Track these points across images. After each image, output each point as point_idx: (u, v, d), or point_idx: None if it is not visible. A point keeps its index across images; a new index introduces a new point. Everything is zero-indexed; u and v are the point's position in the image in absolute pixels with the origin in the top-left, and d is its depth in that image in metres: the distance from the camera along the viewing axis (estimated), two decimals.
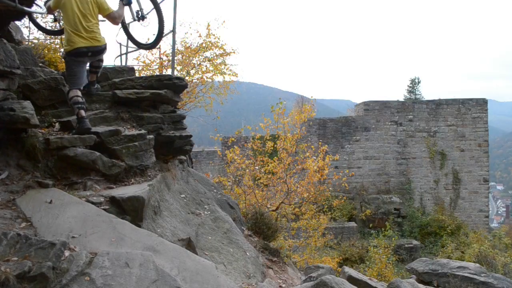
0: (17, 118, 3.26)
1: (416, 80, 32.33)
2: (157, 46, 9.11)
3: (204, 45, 10.16)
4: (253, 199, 9.49)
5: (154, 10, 5.24)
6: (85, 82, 4.30)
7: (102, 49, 4.28)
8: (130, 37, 5.77)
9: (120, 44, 8.29)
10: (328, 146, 13.25)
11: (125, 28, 5.71)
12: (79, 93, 4.04)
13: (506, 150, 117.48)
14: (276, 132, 11.43)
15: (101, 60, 4.53)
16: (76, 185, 3.57)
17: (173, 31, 6.05)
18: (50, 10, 4.47)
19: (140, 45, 5.84)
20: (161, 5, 5.31)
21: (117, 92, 4.66)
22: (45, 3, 4.54)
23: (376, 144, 21.87)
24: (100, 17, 4.49)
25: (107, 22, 4.67)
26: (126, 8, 4.97)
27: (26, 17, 5.47)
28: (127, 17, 5.54)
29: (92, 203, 3.24)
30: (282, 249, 6.28)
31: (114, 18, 4.47)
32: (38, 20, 5.94)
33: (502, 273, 9.06)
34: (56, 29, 5.93)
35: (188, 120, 6.60)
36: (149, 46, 5.86)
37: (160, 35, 5.32)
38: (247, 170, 10.40)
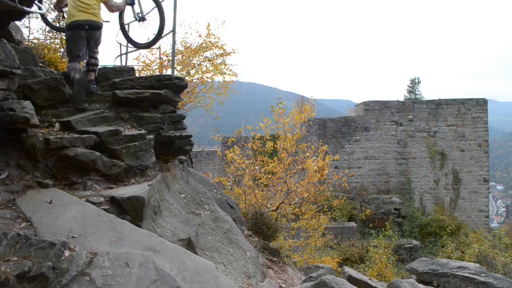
0: (17, 118, 3.26)
1: (416, 80, 32.35)
2: (157, 46, 9.19)
3: (204, 45, 10.16)
4: (253, 199, 9.48)
5: (156, 10, 5.35)
6: (84, 56, 4.53)
7: (98, 26, 4.53)
8: (127, 38, 5.91)
9: (120, 44, 8.28)
10: (328, 146, 13.25)
11: (124, 29, 5.83)
12: (77, 66, 4.34)
13: (506, 150, 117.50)
14: (276, 132, 11.42)
15: (97, 58, 4.67)
16: (76, 185, 3.57)
17: (173, 31, 6.05)
18: (60, 2, 4.91)
19: (137, 45, 5.99)
20: (162, 5, 5.40)
21: (117, 92, 4.66)
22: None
23: (376, 144, 21.87)
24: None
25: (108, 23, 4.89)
26: (128, 8, 5.19)
27: (39, 16, 5.76)
28: (128, 17, 5.68)
29: (92, 203, 3.24)
30: (282, 249, 6.28)
31: (111, 6, 4.86)
32: (39, 20, 6.08)
33: (502, 273, 9.06)
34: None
35: (188, 120, 6.60)
36: (147, 46, 5.96)
37: (159, 35, 5.42)
38: (247, 170, 10.40)
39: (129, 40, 5.97)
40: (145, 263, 2.57)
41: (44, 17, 5.84)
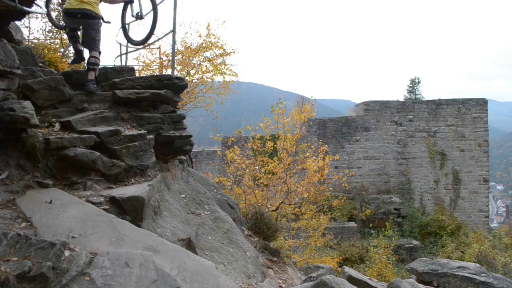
0: (17, 118, 3.25)
1: (416, 80, 32.39)
2: (157, 46, 9.24)
3: (204, 45, 10.16)
4: (253, 199, 9.48)
5: (151, 6, 5.49)
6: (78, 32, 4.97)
7: (91, 15, 4.69)
8: (126, 36, 6.14)
9: (120, 44, 8.30)
10: (328, 146, 13.24)
11: (124, 28, 6.03)
12: (74, 33, 4.93)
13: (506, 150, 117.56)
14: (276, 132, 11.42)
15: (96, 58, 4.77)
16: (76, 185, 3.57)
17: (173, 31, 6.06)
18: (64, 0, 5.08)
19: (134, 42, 6.20)
20: (160, 5, 5.50)
21: (117, 92, 4.66)
22: None
23: (376, 144, 21.87)
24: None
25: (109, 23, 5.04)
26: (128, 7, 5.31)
27: (39, 16, 6.03)
28: (128, 17, 5.80)
29: (92, 203, 3.24)
30: (282, 249, 6.28)
31: None
32: (39, 20, 6.24)
33: (502, 273, 9.06)
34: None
35: (188, 120, 6.61)
36: (142, 42, 6.07)
37: (152, 31, 5.59)
38: (247, 170, 10.40)
39: (128, 38, 6.16)
40: (145, 263, 2.57)
41: (49, 15, 6.05)
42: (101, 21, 4.96)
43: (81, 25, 4.83)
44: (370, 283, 5.07)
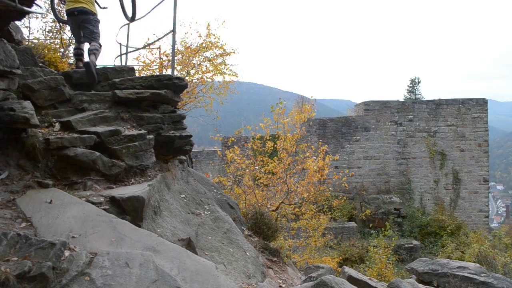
0: (17, 118, 3.25)
1: (416, 80, 32.42)
2: (157, 46, 9.26)
3: (204, 45, 10.16)
4: (253, 199, 9.48)
5: None
6: (81, 37, 5.34)
7: (86, 11, 5.15)
8: (123, 10, 6.16)
9: (120, 44, 8.31)
10: (328, 146, 13.24)
11: (122, 5, 6.07)
12: (79, 46, 5.38)
13: (506, 150, 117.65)
14: (276, 132, 11.42)
15: (95, 44, 5.10)
16: (76, 185, 3.57)
17: (173, 31, 6.07)
18: None
19: (127, 18, 6.22)
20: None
21: (117, 92, 4.66)
22: None
23: (376, 144, 21.87)
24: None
25: (108, 22, 5.21)
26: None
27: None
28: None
29: (92, 203, 3.23)
30: (282, 249, 6.28)
31: None
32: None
33: (502, 273, 9.06)
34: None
35: (188, 120, 6.62)
36: (131, 19, 6.14)
37: (134, 8, 5.64)
38: (247, 170, 10.40)
39: (124, 14, 6.23)
40: (145, 263, 2.57)
41: (53, 10, 6.21)
42: (98, 17, 5.31)
43: (80, 22, 5.16)
44: (370, 283, 5.07)
